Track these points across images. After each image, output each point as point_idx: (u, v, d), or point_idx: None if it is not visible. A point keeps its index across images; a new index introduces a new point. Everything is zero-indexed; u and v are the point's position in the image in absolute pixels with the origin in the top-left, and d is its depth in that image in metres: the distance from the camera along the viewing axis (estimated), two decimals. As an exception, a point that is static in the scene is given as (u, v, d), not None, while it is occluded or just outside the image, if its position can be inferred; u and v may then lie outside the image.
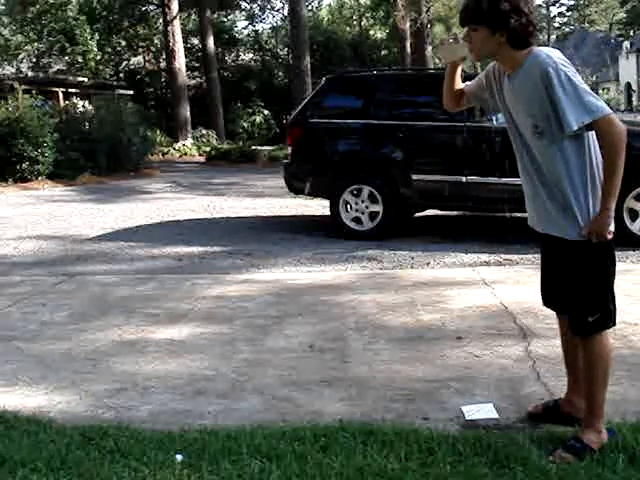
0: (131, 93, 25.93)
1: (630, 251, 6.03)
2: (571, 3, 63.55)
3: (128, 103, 20.39)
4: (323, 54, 31.14)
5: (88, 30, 27.45)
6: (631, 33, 51.56)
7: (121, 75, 32.03)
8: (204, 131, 26.01)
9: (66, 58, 28.03)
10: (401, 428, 2.73)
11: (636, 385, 3.16)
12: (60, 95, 21.53)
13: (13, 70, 26.36)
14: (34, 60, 28.81)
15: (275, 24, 38.67)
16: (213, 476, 2.44)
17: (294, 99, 19.45)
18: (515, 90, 2.52)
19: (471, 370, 3.43)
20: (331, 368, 3.54)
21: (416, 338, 3.98)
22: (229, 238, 7.70)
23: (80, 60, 27.48)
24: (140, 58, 34.50)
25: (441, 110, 5.76)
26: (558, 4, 67.77)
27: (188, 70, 28.29)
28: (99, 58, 29.41)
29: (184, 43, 27.48)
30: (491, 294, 4.85)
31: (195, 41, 33.29)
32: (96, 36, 28.21)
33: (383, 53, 36.76)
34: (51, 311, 4.76)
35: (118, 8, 31.02)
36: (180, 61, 25.30)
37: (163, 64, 30.74)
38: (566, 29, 63.94)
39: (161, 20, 28.10)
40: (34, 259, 6.85)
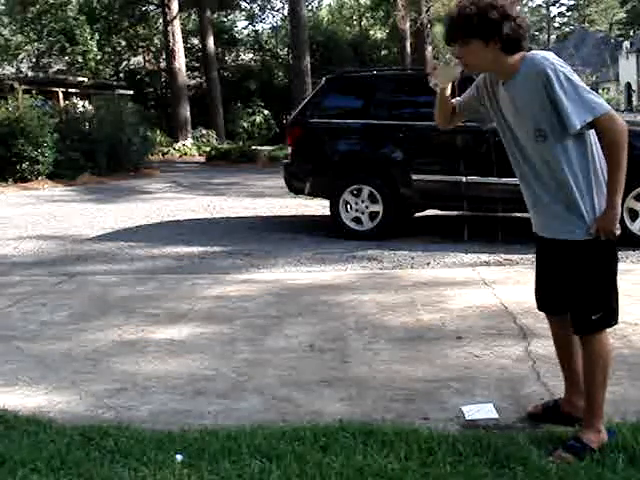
0: (131, 93, 25.93)
1: (630, 251, 6.03)
2: (571, 3, 63.55)
3: (128, 103, 20.39)
4: (323, 54, 31.15)
5: (88, 30, 27.48)
6: (631, 33, 51.55)
7: (121, 75, 32.07)
8: (204, 131, 26.02)
9: (66, 58, 28.06)
10: (401, 428, 2.73)
11: (636, 385, 3.16)
12: (60, 95, 21.54)
13: (13, 70, 26.41)
14: (34, 60, 28.84)
15: (275, 24, 38.80)
16: (213, 476, 2.44)
17: (294, 99, 19.47)
18: (512, 97, 2.51)
19: (471, 370, 3.43)
20: (331, 368, 3.54)
21: (416, 338, 3.98)
22: (229, 238, 7.70)
23: (80, 60, 27.52)
24: (140, 58, 34.54)
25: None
26: (558, 4, 67.81)
27: (188, 70, 28.30)
28: (99, 58, 29.45)
29: (184, 43, 27.50)
30: (491, 294, 4.85)
31: (195, 41, 33.32)
32: (96, 36, 28.25)
33: (383, 53, 36.79)
34: (51, 311, 4.76)
35: (118, 8, 31.05)
36: (180, 61, 25.32)
37: (163, 64, 30.76)
38: (566, 29, 63.91)
39: (161, 20, 28.13)
40: (34, 259, 6.85)
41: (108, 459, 2.57)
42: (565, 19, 65.90)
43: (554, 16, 65.75)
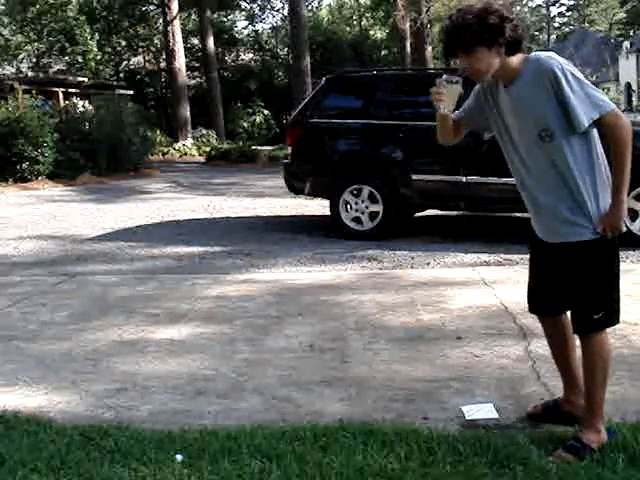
0: (131, 93, 25.95)
1: (630, 251, 6.03)
2: (571, 3, 63.48)
3: (128, 103, 20.41)
4: (323, 54, 31.17)
5: (88, 30, 27.50)
6: (631, 33, 51.52)
7: (121, 75, 32.09)
8: (204, 131, 26.02)
9: (66, 58, 28.08)
10: (401, 428, 2.73)
11: (636, 385, 3.16)
12: (60, 95, 21.54)
13: (13, 70, 26.43)
14: (34, 60, 28.85)
15: (275, 24, 38.78)
16: (213, 476, 2.44)
17: (294, 99, 19.47)
18: (516, 100, 2.50)
19: (471, 370, 3.43)
20: (331, 368, 3.54)
21: (416, 338, 3.98)
22: (229, 238, 7.70)
23: (80, 60, 27.54)
24: (140, 58, 34.54)
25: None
26: (558, 4, 67.68)
27: (188, 70, 28.30)
28: (99, 58, 29.46)
29: (184, 43, 27.50)
30: (491, 294, 4.85)
31: (195, 41, 33.34)
32: (96, 36, 28.26)
33: (383, 53, 36.82)
34: (51, 311, 4.76)
35: (118, 8, 31.07)
36: (180, 61, 25.32)
37: (163, 64, 30.78)
38: (566, 29, 63.85)
39: (161, 20, 28.14)
40: (34, 259, 6.85)
41: (108, 459, 2.57)
42: (565, 19, 65.86)
43: (554, 16, 65.74)
